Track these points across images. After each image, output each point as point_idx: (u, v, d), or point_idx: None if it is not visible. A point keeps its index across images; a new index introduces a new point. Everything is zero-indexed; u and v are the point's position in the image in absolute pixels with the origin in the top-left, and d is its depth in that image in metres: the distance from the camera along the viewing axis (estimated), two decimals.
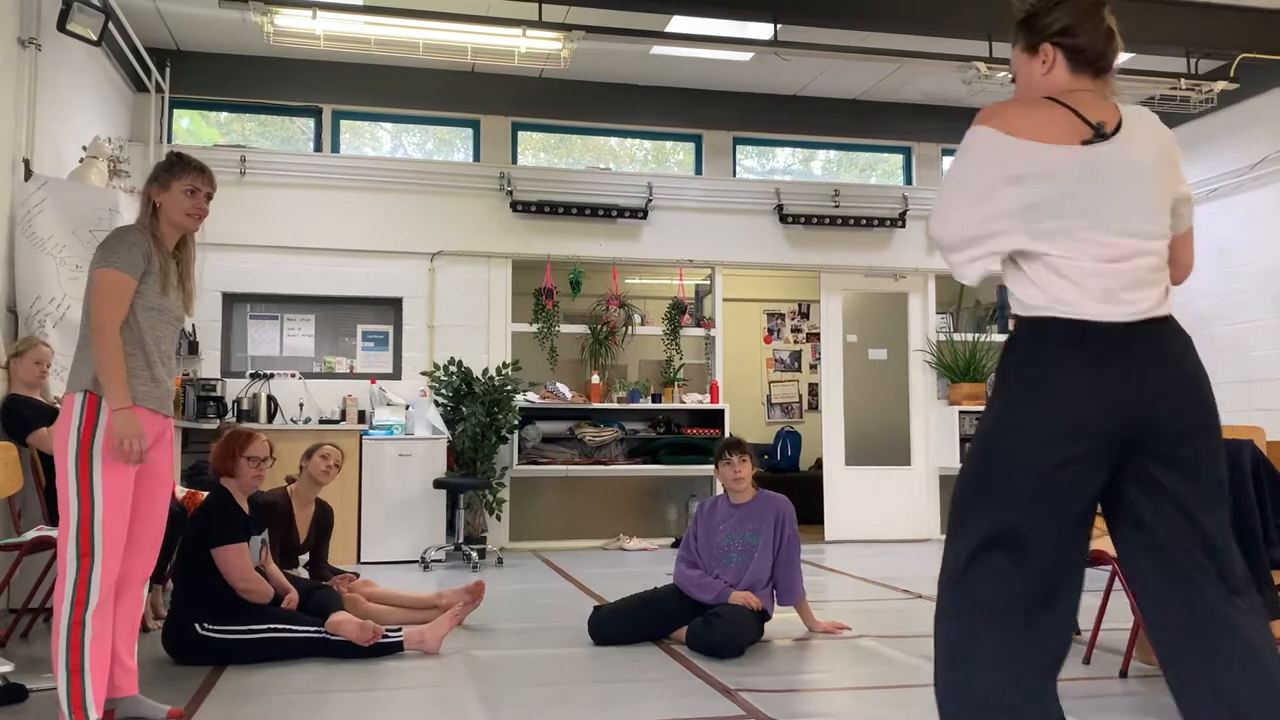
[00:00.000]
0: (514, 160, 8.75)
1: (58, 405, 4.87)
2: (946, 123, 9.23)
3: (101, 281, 3.05)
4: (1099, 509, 1.98)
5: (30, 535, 4.35)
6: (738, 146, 9.27)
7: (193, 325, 7.66)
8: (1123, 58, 8.05)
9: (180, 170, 3.22)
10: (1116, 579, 3.75)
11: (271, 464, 4.37)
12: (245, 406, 7.59)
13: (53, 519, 4.69)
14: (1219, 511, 1.94)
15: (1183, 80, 7.48)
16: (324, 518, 5.13)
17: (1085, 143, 1.92)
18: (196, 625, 4.00)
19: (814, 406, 10.76)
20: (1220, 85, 7.45)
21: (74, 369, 3.08)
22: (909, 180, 9.50)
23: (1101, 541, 3.84)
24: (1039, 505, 1.87)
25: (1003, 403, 1.94)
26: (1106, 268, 1.91)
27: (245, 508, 4.25)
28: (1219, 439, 1.97)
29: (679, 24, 7.18)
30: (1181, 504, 1.90)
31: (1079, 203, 1.90)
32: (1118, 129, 1.96)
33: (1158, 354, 1.92)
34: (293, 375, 7.94)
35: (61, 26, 5.68)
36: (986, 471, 1.92)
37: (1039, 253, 1.92)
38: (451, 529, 7.49)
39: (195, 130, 8.46)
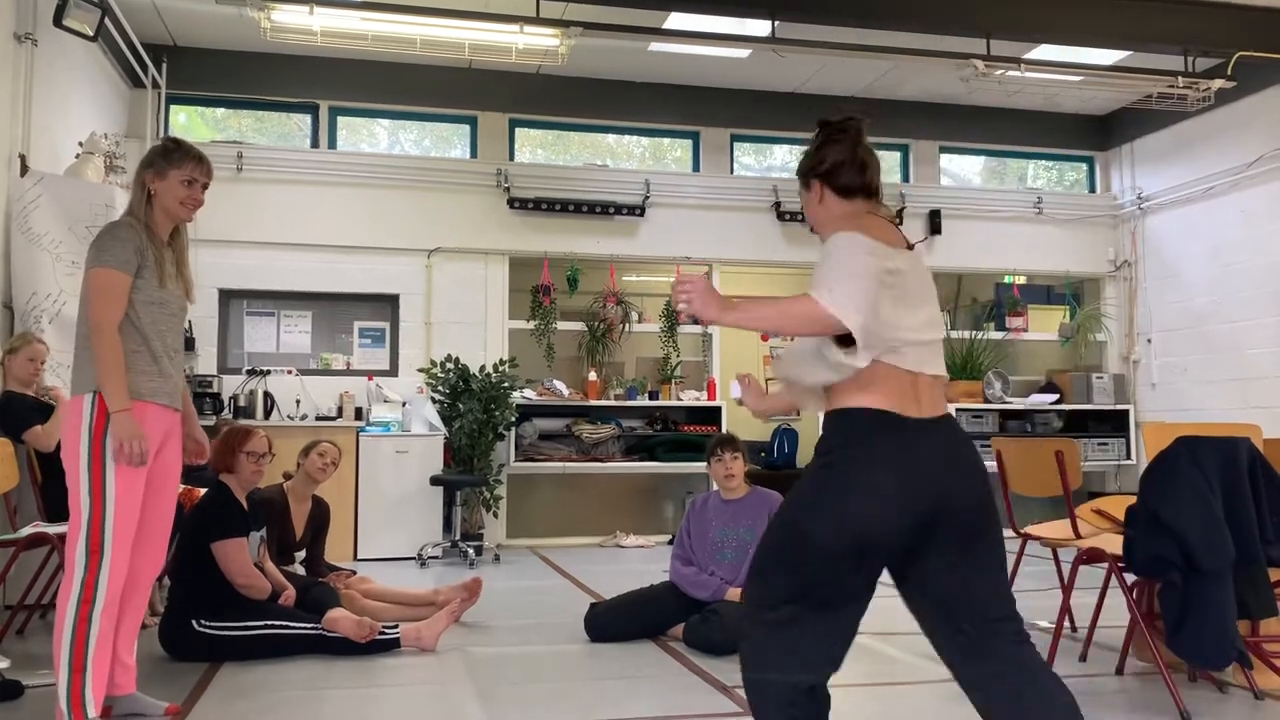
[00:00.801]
0: (511, 157, 8.74)
1: (52, 402, 4.88)
2: (944, 120, 9.24)
3: (95, 281, 3.01)
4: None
5: (26, 531, 4.34)
6: (735, 143, 9.27)
7: (189, 321, 7.65)
8: (1119, 55, 7.97)
9: (179, 158, 3.14)
10: (1113, 576, 3.75)
11: (271, 459, 4.37)
12: (242, 403, 7.58)
13: (48, 515, 4.68)
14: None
15: (1180, 79, 7.48)
16: (320, 514, 5.13)
17: (909, 248, 2.21)
18: (193, 622, 4.00)
19: None
20: (1218, 83, 7.45)
21: (77, 369, 3.06)
22: (906, 178, 9.50)
23: (1101, 539, 3.85)
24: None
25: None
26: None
27: (244, 504, 4.25)
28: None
29: (677, 21, 7.18)
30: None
31: (910, 300, 2.15)
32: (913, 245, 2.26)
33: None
34: (289, 372, 7.93)
35: (58, 22, 5.67)
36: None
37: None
38: (448, 526, 7.49)
39: (191, 127, 8.45)
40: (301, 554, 5.06)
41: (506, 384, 7.80)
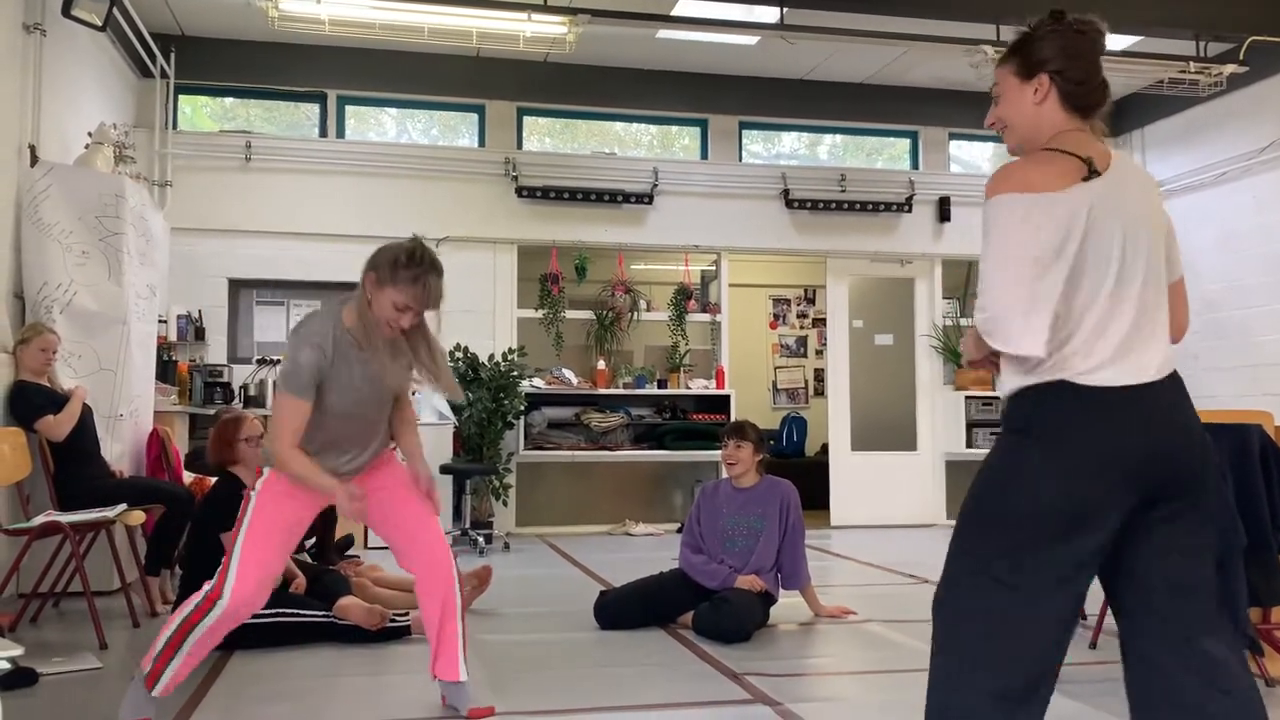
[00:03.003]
0: (519, 145, 8.73)
1: (65, 392, 4.90)
2: (954, 107, 9.19)
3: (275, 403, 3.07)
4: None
5: (39, 520, 4.37)
6: (744, 131, 9.24)
7: (199, 311, 7.67)
8: (1131, 40, 7.92)
9: (402, 279, 2.94)
10: None
11: None
12: (252, 392, 7.59)
13: (60, 504, 4.71)
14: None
15: (1191, 63, 7.43)
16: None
17: (1085, 179, 1.90)
18: None
19: (820, 392, 10.75)
20: (1229, 68, 7.40)
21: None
22: (915, 165, 9.46)
23: None
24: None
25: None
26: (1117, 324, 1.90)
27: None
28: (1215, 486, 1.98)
29: (685, 7, 7.15)
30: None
31: (1089, 251, 1.88)
32: (1110, 168, 1.94)
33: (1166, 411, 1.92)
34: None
35: (66, 12, 5.67)
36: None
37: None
38: (458, 514, 7.51)
39: (196, 120, 8.45)
40: (310, 542, 5.08)
41: (515, 373, 7.81)
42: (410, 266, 2.93)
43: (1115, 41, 7.67)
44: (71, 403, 4.85)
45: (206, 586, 2.96)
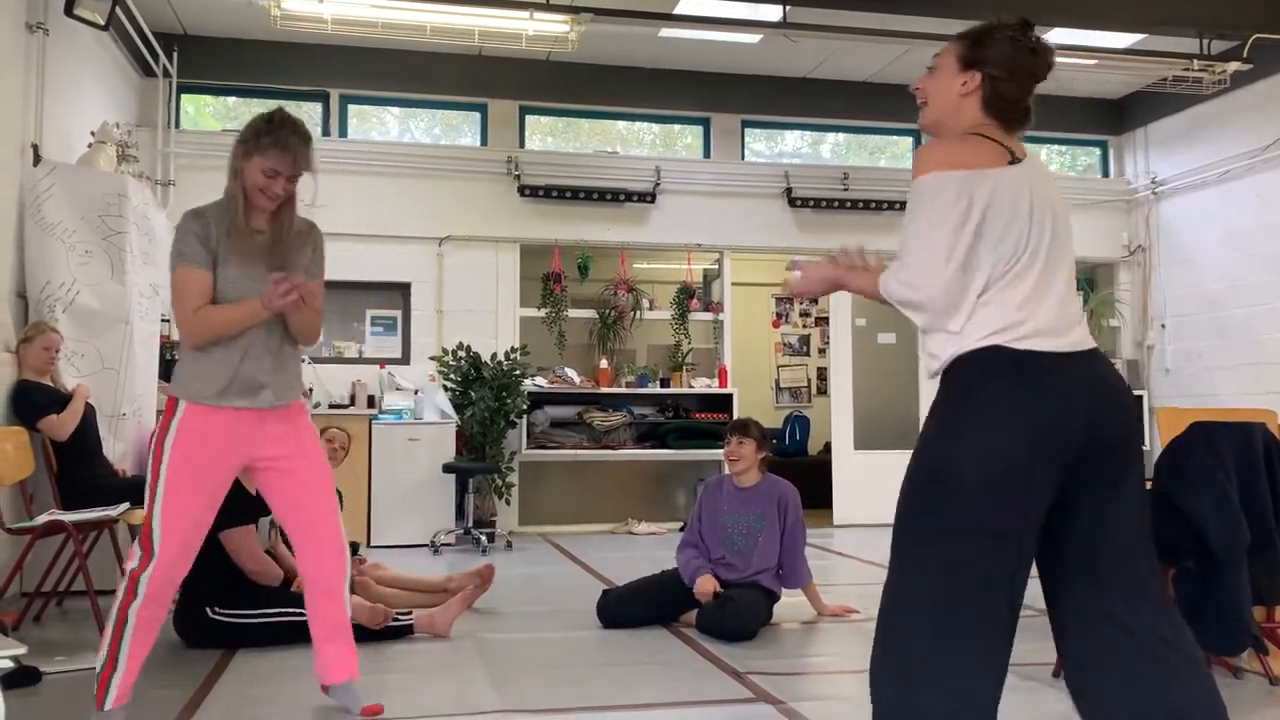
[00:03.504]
0: (521, 144, 8.72)
1: (67, 391, 4.90)
2: None
3: (172, 280, 2.97)
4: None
5: (42, 519, 4.37)
6: (746, 130, 9.23)
7: None
8: (1134, 38, 7.90)
9: (265, 144, 2.92)
10: None
11: None
12: None
13: (64, 503, 4.71)
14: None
15: (1195, 61, 7.42)
16: None
17: (1010, 164, 1.97)
18: (207, 609, 4.02)
19: (823, 391, 10.74)
20: (1233, 66, 7.39)
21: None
22: None
23: None
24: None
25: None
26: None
27: (253, 490, 4.26)
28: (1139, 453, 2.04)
29: (687, 6, 7.15)
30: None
31: (1021, 228, 1.95)
32: (1026, 157, 2.03)
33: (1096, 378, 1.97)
34: (303, 360, 7.93)
35: (69, 11, 5.67)
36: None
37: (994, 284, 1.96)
38: (461, 513, 7.51)
39: (198, 119, 8.45)
40: None
41: (518, 372, 7.81)
42: (271, 131, 2.93)
43: (1118, 40, 7.66)
44: (74, 401, 4.85)
45: (127, 565, 2.88)
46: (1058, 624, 2.01)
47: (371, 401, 7.76)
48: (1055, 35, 7.46)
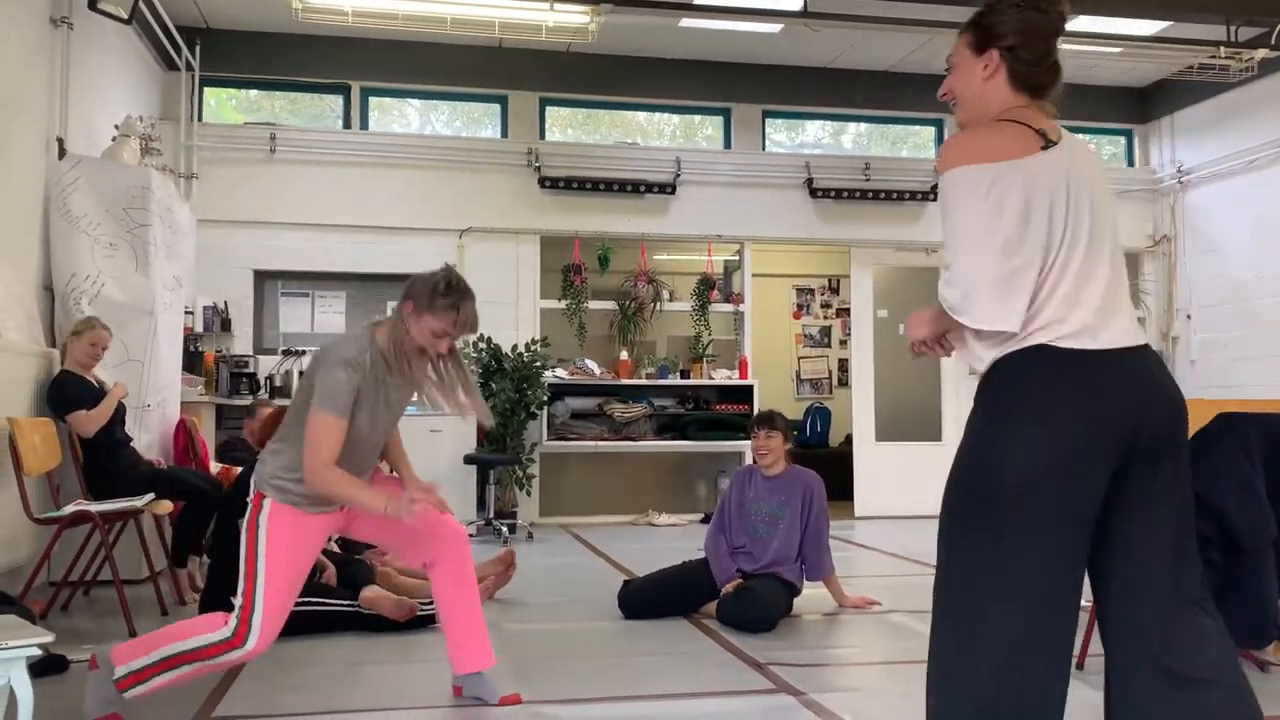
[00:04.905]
0: (542, 136, 8.73)
1: (106, 388, 4.95)
2: None
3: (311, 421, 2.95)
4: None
5: (69, 510, 4.41)
6: (767, 120, 9.20)
7: (224, 302, 7.72)
8: (1160, 26, 7.78)
9: (440, 306, 2.99)
10: None
11: None
12: (278, 383, 7.65)
13: (90, 494, 4.75)
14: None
15: (1222, 48, 7.33)
16: None
17: (1043, 149, 1.89)
18: (230, 598, 4.04)
19: (844, 382, 10.71)
20: (1261, 53, 7.29)
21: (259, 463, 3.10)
22: None
23: None
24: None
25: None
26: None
27: None
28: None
29: None
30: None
31: (1059, 218, 1.87)
32: (1062, 139, 1.94)
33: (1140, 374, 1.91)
34: None
35: (93, 5, 5.71)
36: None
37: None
38: (482, 504, 7.54)
39: (221, 112, 8.50)
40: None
41: (538, 363, 7.82)
42: (449, 294, 3.01)
43: (1144, 27, 7.58)
44: (106, 400, 4.87)
45: (224, 630, 2.89)
46: (1103, 639, 1.96)
47: None
48: (1080, 23, 7.40)
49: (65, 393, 4.83)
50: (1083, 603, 1.95)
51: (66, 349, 5.00)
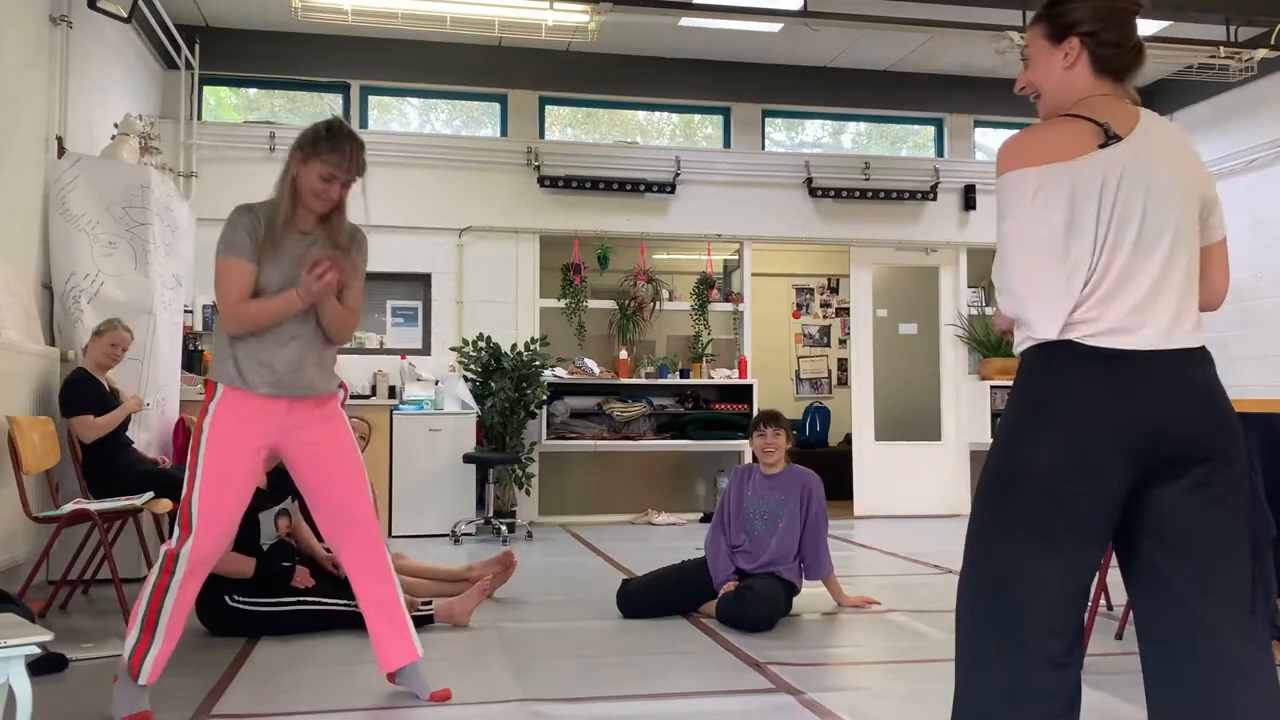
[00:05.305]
0: (541, 135, 8.72)
1: (121, 395, 4.94)
2: (979, 93, 9.11)
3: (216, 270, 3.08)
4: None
5: (68, 508, 4.41)
6: (767, 119, 9.19)
7: None
8: (1159, 25, 7.80)
9: (323, 149, 3.09)
10: None
11: None
12: None
13: (89, 492, 4.75)
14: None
15: (1222, 48, 7.32)
16: None
17: (1101, 146, 1.84)
18: (226, 598, 4.05)
19: (843, 382, 10.71)
20: (1261, 53, 7.29)
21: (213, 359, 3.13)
22: (940, 152, 9.39)
23: None
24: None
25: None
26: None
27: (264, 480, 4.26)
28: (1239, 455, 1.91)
29: None
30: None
31: (1106, 218, 1.83)
32: (1133, 131, 1.87)
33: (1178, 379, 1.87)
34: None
35: (92, 4, 5.71)
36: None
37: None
38: (481, 503, 7.54)
39: (220, 110, 8.50)
40: None
41: (538, 362, 7.82)
42: (330, 137, 3.11)
43: (1144, 26, 7.57)
44: (116, 411, 4.85)
45: (164, 546, 2.95)
46: (1140, 649, 1.93)
47: (392, 392, 7.79)
48: None
49: (77, 394, 4.81)
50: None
51: (87, 347, 5.01)
